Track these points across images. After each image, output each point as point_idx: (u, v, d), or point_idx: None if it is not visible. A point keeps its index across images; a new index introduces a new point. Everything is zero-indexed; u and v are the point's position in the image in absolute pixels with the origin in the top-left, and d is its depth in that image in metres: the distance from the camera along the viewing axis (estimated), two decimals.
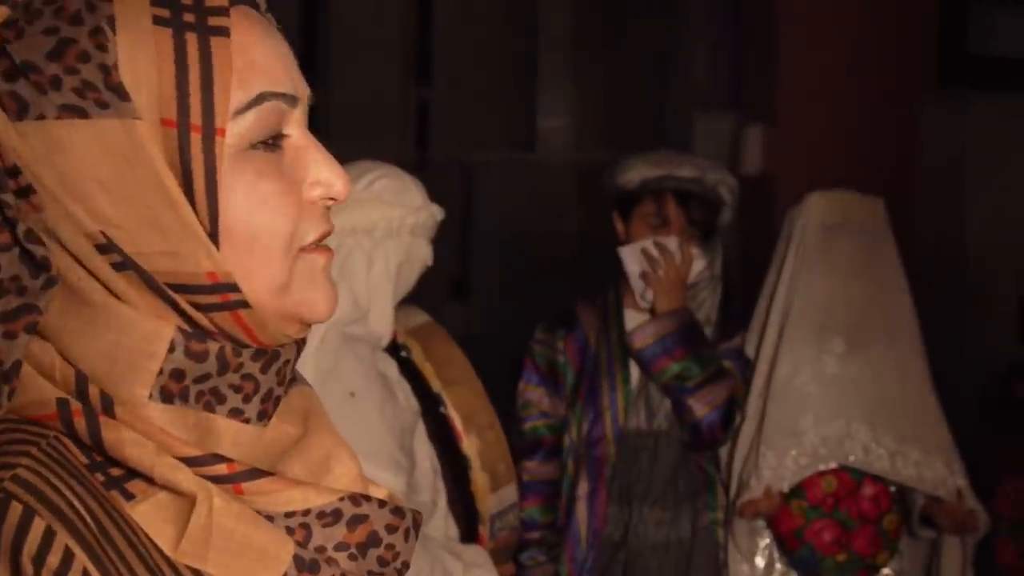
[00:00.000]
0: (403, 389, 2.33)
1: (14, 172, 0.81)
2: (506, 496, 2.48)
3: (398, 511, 0.90)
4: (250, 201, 0.84)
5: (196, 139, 0.81)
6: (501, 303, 5.93)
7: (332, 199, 0.89)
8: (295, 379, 0.96)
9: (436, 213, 2.35)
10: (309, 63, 7.77)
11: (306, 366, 2.18)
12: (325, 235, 0.89)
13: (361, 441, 2.14)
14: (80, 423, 0.82)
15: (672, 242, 2.83)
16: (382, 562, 0.89)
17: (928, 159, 4.40)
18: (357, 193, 2.29)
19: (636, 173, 2.87)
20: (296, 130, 0.88)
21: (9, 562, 0.74)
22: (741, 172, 4.63)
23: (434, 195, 2.40)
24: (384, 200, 2.29)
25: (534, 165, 6.86)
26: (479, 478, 2.43)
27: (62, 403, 0.82)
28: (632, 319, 2.90)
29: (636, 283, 2.87)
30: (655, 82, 5.94)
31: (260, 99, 0.84)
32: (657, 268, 2.82)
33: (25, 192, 0.81)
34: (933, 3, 4.46)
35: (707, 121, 4.99)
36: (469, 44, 7.36)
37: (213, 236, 0.83)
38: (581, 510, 2.86)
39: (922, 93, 4.39)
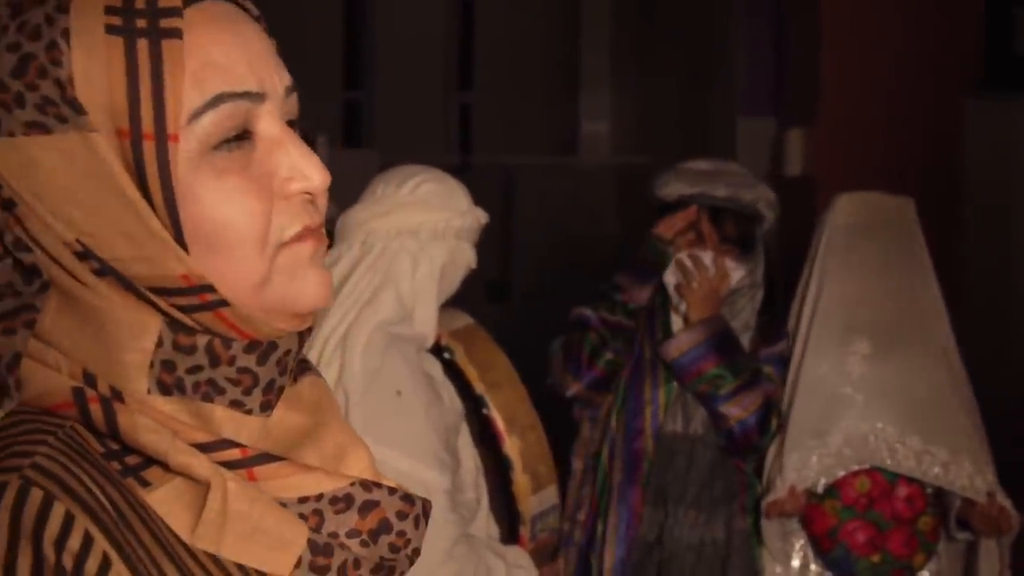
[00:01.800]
0: (448, 390, 2.35)
1: None
2: (547, 498, 2.49)
3: (408, 498, 0.91)
4: (214, 202, 0.83)
5: (149, 147, 0.81)
6: (541, 306, 5.94)
7: (310, 193, 0.87)
8: (308, 369, 0.97)
9: (480, 217, 2.37)
10: (352, 68, 7.81)
11: (353, 367, 2.21)
12: (308, 229, 0.87)
13: (407, 439, 2.16)
14: (96, 410, 0.83)
15: (707, 256, 2.88)
16: (393, 548, 0.90)
17: (972, 161, 4.37)
18: (403, 196, 2.31)
19: (673, 188, 2.91)
20: (267, 124, 0.86)
21: (31, 547, 0.74)
22: (782, 174, 4.63)
23: (475, 198, 2.41)
24: (429, 204, 2.31)
25: (575, 169, 6.87)
26: (521, 479, 2.44)
27: (78, 391, 0.83)
28: (677, 321, 2.94)
29: (672, 294, 2.94)
30: (696, 86, 5.93)
31: (217, 100, 0.83)
32: (691, 280, 2.86)
33: (8, 205, 0.83)
34: (977, 4, 4.43)
35: (749, 124, 4.99)
36: (511, 49, 7.38)
37: (179, 240, 0.83)
38: (614, 501, 2.89)
39: (966, 95, 4.37)
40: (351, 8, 7.54)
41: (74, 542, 0.76)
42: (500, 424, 2.44)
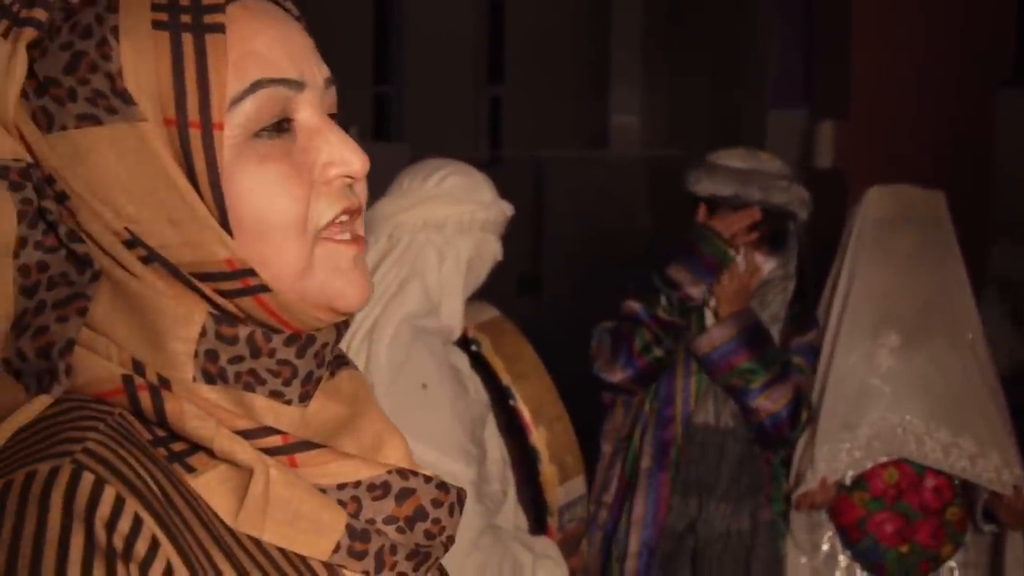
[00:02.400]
0: (474, 382, 2.36)
1: (51, 180, 0.87)
2: (574, 488, 2.51)
3: (443, 486, 0.93)
4: (257, 187, 0.86)
5: (196, 135, 0.85)
6: (571, 298, 5.95)
7: (350, 177, 0.90)
8: (346, 363, 1.00)
9: (506, 209, 2.38)
10: (382, 62, 7.83)
11: (379, 359, 2.23)
12: (346, 211, 0.90)
13: (433, 431, 2.18)
14: (145, 397, 0.86)
15: (737, 252, 2.87)
16: (429, 535, 0.92)
17: (1003, 153, 4.35)
18: (428, 190, 2.32)
19: (705, 186, 2.90)
20: (307, 113, 0.89)
21: (84, 528, 0.77)
22: (813, 166, 4.62)
23: (505, 191, 2.43)
24: (455, 197, 2.32)
25: (606, 162, 6.88)
26: (548, 470, 2.45)
27: (127, 378, 0.86)
28: (708, 315, 2.95)
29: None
30: (726, 79, 5.93)
31: (256, 86, 0.86)
32: (722, 277, 2.86)
33: (61, 198, 0.87)
34: None
35: (780, 117, 4.99)
36: (541, 42, 7.39)
37: (224, 224, 0.86)
38: (641, 486, 2.90)
39: (997, 87, 4.35)
40: (381, 2, 7.57)
41: (124, 524, 0.78)
42: (527, 415, 2.45)
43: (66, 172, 0.86)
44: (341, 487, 0.89)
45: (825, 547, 2.97)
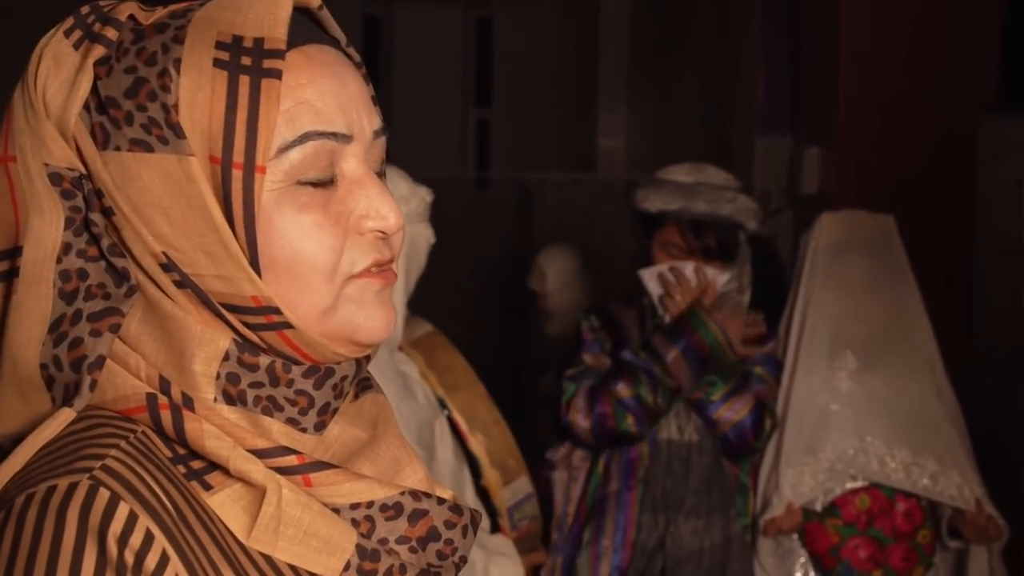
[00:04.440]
0: (423, 387, 2.44)
1: (100, 194, 0.90)
2: (519, 488, 2.57)
3: (457, 508, 0.96)
4: (292, 232, 0.89)
5: (237, 175, 0.88)
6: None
7: (383, 232, 0.93)
8: (370, 386, 1.03)
9: (425, 195, 2.44)
10: (370, 83, 7.85)
11: None
12: (376, 264, 0.93)
13: None
14: (166, 416, 0.89)
15: (688, 267, 2.88)
16: (441, 556, 0.95)
17: (986, 182, 4.39)
18: None
19: (654, 203, 2.91)
20: (352, 164, 0.93)
21: (96, 542, 0.81)
22: (799, 192, 4.65)
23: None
24: None
25: (592, 185, 6.90)
26: (490, 475, 2.52)
27: (151, 397, 0.89)
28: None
29: (658, 304, 2.94)
30: (713, 104, 5.96)
31: (305, 138, 0.89)
32: (675, 293, 2.87)
33: (108, 212, 0.90)
34: (993, 24, 4.46)
35: (766, 142, 5.02)
36: (529, 65, 7.42)
37: (254, 263, 0.89)
38: (611, 508, 2.91)
39: (981, 115, 4.39)
40: (370, 24, 7.60)
41: (136, 539, 0.82)
42: (462, 424, 2.52)
43: (114, 190, 0.89)
44: (354, 507, 0.92)
45: (798, 574, 2.99)
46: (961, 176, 4.37)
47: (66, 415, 0.87)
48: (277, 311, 0.89)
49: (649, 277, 2.94)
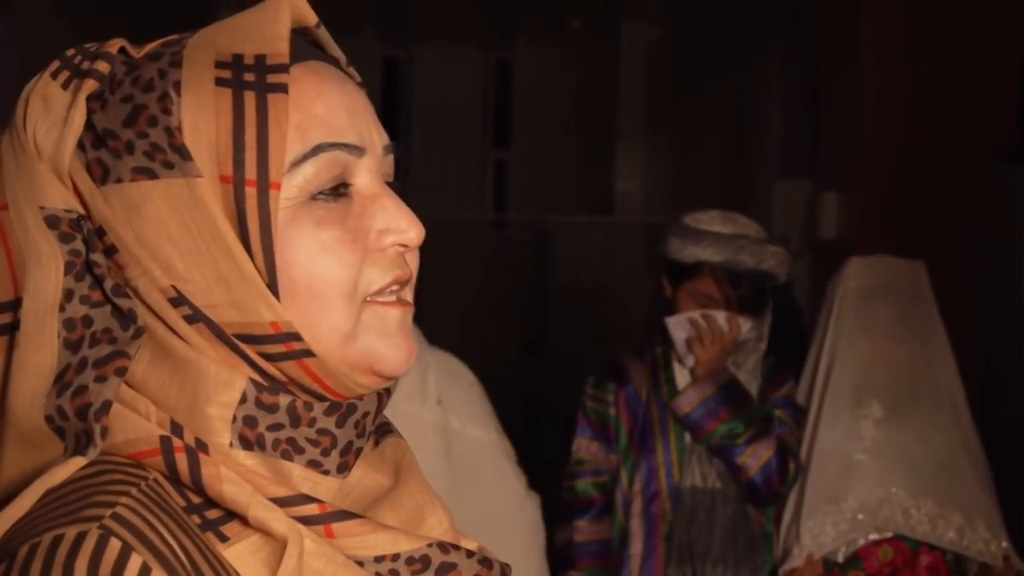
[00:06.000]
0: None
1: (101, 232, 0.86)
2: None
3: (486, 561, 0.91)
4: (310, 250, 0.85)
5: (251, 194, 0.84)
6: (574, 362, 5.95)
7: (404, 245, 0.89)
8: (390, 431, 0.98)
9: None
10: (390, 125, 7.87)
11: None
12: (397, 280, 0.89)
13: None
14: (181, 459, 0.84)
15: (720, 316, 2.85)
16: None
17: (1006, 227, 4.37)
18: None
19: (692, 253, 2.87)
20: (366, 179, 0.89)
21: None
22: (818, 237, 4.64)
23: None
24: None
25: (611, 227, 6.90)
26: None
27: (165, 440, 0.84)
28: (681, 374, 2.92)
29: (681, 348, 2.89)
30: (732, 149, 5.96)
31: (317, 150, 0.86)
32: (705, 337, 2.84)
33: (110, 251, 0.86)
34: (1013, 69, 4.45)
35: (785, 187, 5.02)
36: (547, 108, 7.44)
37: (272, 286, 0.85)
38: (635, 569, 2.87)
39: (1000, 161, 4.38)
40: (389, 65, 7.63)
41: None
42: None
43: (117, 225, 0.85)
44: (379, 560, 0.87)
45: None
46: (980, 221, 4.36)
47: (75, 463, 0.82)
48: (297, 337, 0.85)
49: (676, 325, 2.88)
